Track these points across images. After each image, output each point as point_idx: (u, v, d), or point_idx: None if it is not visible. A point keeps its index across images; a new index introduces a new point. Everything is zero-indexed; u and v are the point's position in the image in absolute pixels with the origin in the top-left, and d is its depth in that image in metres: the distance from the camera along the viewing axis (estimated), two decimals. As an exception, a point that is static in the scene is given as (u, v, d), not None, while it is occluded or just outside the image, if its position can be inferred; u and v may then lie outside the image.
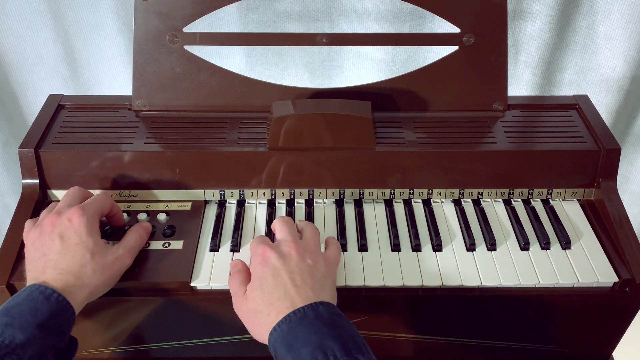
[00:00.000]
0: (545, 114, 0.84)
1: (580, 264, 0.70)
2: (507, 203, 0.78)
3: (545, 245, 0.72)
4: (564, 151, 0.76)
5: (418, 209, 0.77)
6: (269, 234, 0.73)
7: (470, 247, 0.72)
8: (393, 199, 0.78)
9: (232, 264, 0.66)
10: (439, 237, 0.72)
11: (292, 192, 0.77)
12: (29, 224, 0.67)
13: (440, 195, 0.78)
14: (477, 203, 0.78)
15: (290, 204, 0.77)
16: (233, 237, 0.72)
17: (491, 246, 0.72)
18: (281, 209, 0.77)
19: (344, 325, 0.56)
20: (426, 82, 0.81)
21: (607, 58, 1.11)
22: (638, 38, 1.07)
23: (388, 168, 0.75)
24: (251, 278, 0.62)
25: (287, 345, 0.54)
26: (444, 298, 0.69)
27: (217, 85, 0.81)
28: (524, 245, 0.72)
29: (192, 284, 0.67)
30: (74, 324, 0.60)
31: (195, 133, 0.77)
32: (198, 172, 0.75)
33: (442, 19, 0.79)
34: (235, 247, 0.71)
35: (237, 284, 0.63)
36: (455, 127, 0.79)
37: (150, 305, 0.69)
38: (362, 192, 0.77)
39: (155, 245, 0.70)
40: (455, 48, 0.80)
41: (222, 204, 0.77)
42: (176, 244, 0.70)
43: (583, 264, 0.70)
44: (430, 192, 0.77)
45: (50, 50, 1.12)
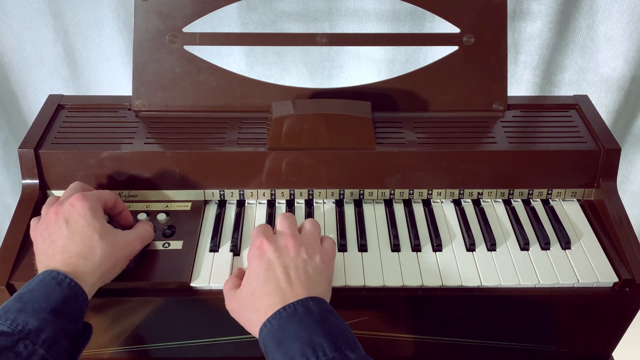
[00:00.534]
0: (545, 114, 0.83)
1: (580, 264, 0.70)
2: (507, 203, 0.78)
3: (545, 245, 0.72)
4: (564, 151, 0.76)
5: (418, 209, 0.77)
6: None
7: (470, 247, 0.72)
8: (393, 199, 0.78)
9: (234, 270, 0.67)
10: (438, 237, 0.72)
11: (292, 192, 0.77)
12: (34, 221, 0.68)
13: (440, 195, 0.78)
14: (477, 203, 0.78)
15: (290, 204, 0.77)
16: (233, 237, 0.72)
17: (491, 246, 0.72)
18: (281, 209, 0.77)
19: (335, 321, 0.56)
20: (426, 82, 0.81)
21: (607, 58, 1.11)
22: (638, 38, 1.07)
23: (388, 168, 0.75)
24: (246, 271, 0.62)
25: (277, 341, 0.55)
26: (444, 298, 0.69)
27: (217, 85, 0.81)
28: (524, 246, 0.72)
29: (192, 284, 0.67)
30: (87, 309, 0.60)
31: (195, 133, 0.77)
32: (198, 172, 0.75)
33: (442, 19, 0.79)
34: (235, 248, 0.71)
35: (229, 286, 0.63)
36: (455, 127, 0.79)
37: (150, 305, 0.69)
38: (362, 192, 0.77)
39: (155, 245, 0.70)
40: (455, 48, 0.80)
41: (222, 204, 0.77)
42: (176, 244, 0.71)
43: (583, 264, 0.70)
44: (430, 192, 0.77)
45: (50, 50, 1.12)
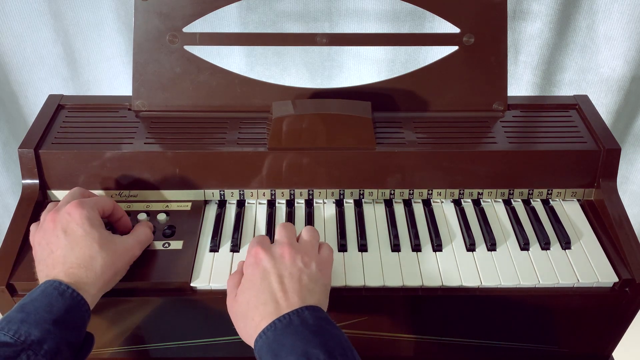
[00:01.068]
0: (545, 114, 0.83)
1: (580, 264, 0.70)
2: (507, 203, 0.78)
3: (545, 245, 0.72)
4: (564, 151, 0.76)
5: (418, 209, 0.77)
6: (270, 234, 0.73)
7: (470, 247, 0.72)
8: (393, 199, 0.78)
9: (238, 264, 0.66)
10: (439, 237, 0.72)
11: (292, 192, 0.77)
12: (33, 227, 0.67)
13: (440, 195, 0.78)
14: (477, 203, 0.78)
15: (290, 204, 0.77)
16: (233, 237, 0.72)
17: (491, 246, 0.72)
18: (281, 209, 0.77)
19: (331, 331, 0.56)
20: (426, 82, 0.81)
21: (607, 58, 1.11)
22: (638, 38, 1.07)
23: (388, 168, 0.75)
24: (242, 280, 0.62)
25: (273, 354, 0.54)
26: (444, 298, 0.69)
27: (217, 85, 0.81)
28: (524, 246, 0.72)
29: (192, 284, 0.67)
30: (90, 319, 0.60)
31: (195, 133, 0.77)
32: (198, 172, 0.75)
33: (442, 19, 0.79)
34: (235, 248, 0.71)
35: (232, 284, 0.63)
36: (455, 127, 0.79)
37: (151, 305, 0.69)
38: (362, 192, 0.77)
39: (155, 245, 0.70)
40: (455, 48, 0.80)
41: (222, 204, 0.77)
42: (176, 244, 0.70)
43: (583, 264, 0.70)
44: (430, 192, 0.77)
45: (50, 50, 1.12)
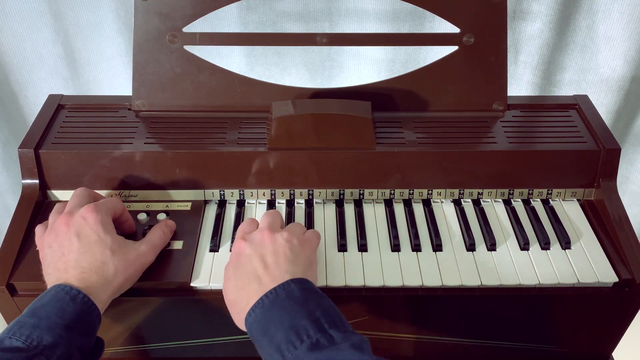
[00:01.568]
0: (545, 114, 0.83)
1: (580, 264, 0.70)
2: (507, 203, 0.78)
3: (545, 245, 0.72)
4: (564, 151, 0.76)
5: (418, 209, 0.77)
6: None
7: (470, 247, 0.72)
8: (393, 199, 0.78)
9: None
10: (438, 237, 0.72)
11: (292, 192, 0.77)
12: (39, 229, 0.67)
13: (440, 195, 0.78)
14: (477, 203, 0.78)
15: (290, 204, 0.77)
16: (233, 237, 0.72)
17: (491, 246, 0.72)
18: (281, 209, 0.77)
19: (318, 301, 0.56)
20: (426, 82, 0.81)
21: (607, 58, 1.11)
22: (638, 38, 1.07)
23: (388, 168, 0.75)
24: (225, 269, 0.63)
25: (262, 330, 0.55)
26: (444, 298, 0.69)
27: (217, 85, 0.81)
28: (524, 245, 0.72)
29: (192, 284, 0.67)
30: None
31: (195, 133, 0.77)
32: (198, 172, 0.75)
33: (442, 19, 0.79)
34: (235, 247, 0.71)
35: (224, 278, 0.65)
36: (455, 127, 0.79)
37: (150, 305, 0.69)
38: (362, 192, 0.77)
39: (155, 245, 0.70)
40: (455, 48, 0.80)
41: (222, 204, 0.77)
42: (176, 244, 0.70)
43: (583, 264, 0.70)
44: (430, 192, 0.77)
45: (50, 50, 1.12)
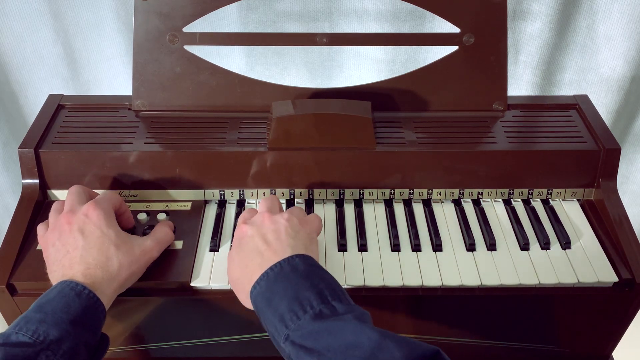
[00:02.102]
0: (545, 114, 0.83)
1: (580, 264, 0.70)
2: (507, 203, 0.78)
3: (545, 245, 0.72)
4: (564, 151, 0.76)
5: (418, 209, 0.77)
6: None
7: (470, 247, 0.72)
8: (393, 199, 0.78)
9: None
10: (438, 237, 0.72)
11: (291, 192, 0.77)
12: (41, 228, 0.67)
13: (440, 195, 0.78)
14: (477, 203, 0.78)
15: (290, 203, 0.77)
16: (233, 237, 0.72)
17: (491, 246, 0.72)
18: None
19: (321, 274, 0.57)
20: (426, 82, 0.81)
21: (607, 58, 1.11)
22: (638, 38, 1.07)
23: (388, 168, 0.75)
24: (229, 254, 0.65)
25: (266, 302, 0.56)
26: (444, 298, 0.69)
27: (217, 85, 0.81)
28: (524, 245, 0.72)
29: (192, 284, 0.67)
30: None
31: (195, 133, 0.77)
32: (198, 172, 0.75)
33: (442, 19, 0.79)
34: (235, 247, 0.71)
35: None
36: (455, 127, 0.79)
37: (151, 305, 0.69)
38: (362, 192, 0.77)
39: (155, 245, 0.70)
40: (455, 48, 0.80)
41: (222, 204, 0.77)
42: (176, 244, 0.70)
43: (583, 264, 0.70)
44: (430, 192, 0.77)
45: (50, 50, 1.12)
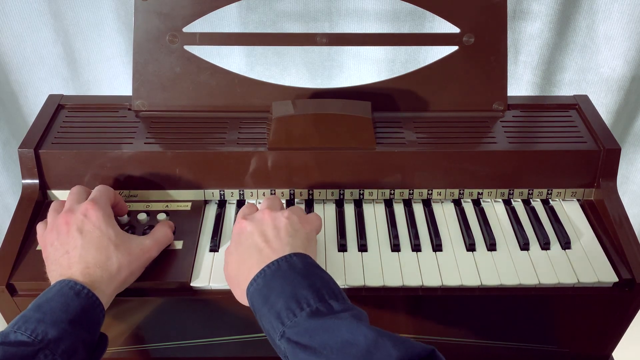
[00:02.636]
0: (545, 114, 0.83)
1: (580, 264, 0.70)
2: (507, 203, 0.78)
3: (545, 245, 0.72)
4: (564, 151, 0.76)
5: (418, 209, 0.77)
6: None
7: (470, 247, 0.72)
8: (393, 199, 0.78)
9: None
10: (438, 237, 0.72)
11: (291, 192, 0.77)
12: (40, 227, 0.67)
13: (440, 195, 0.78)
14: (477, 203, 0.78)
15: (290, 203, 0.77)
16: (233, 237, 0.72)
17: (491, 246, 0.72)
18: (281, 209, 0.77)
19: (319, 274, 0.58)
20: (426, 82, 0.81)
21: (607, 58, 1.11)
22: (638, 38, 1.06)
23: (388, 168, 0.75)
24: (227, 249, 0.65)
25: (263, 299, 0.56)
26: (444, 298, 0.69)
27: (217, 85, 0.81)
28: (524, 245, 0.72)
29: (192, 284, 0.67)
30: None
31: (195, 133, 0.77)
32: (198, 172, 0.75)
33: (442, 19, 0.79)
34: (235, 247, 0.71)
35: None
36: (455, 127, 0.79)
37: (150, 305, 0.69)
38: (362, 192, 0.77)
39: (155, 245, 0.70)
40: (455, 48, 0.80)
41: (222, 204, 0.77)
42: (176, 244, 0.70)
43: (583, 264, 0.70)
44: (430, 192, 0.77)
45: (50, 50, 1.12)
